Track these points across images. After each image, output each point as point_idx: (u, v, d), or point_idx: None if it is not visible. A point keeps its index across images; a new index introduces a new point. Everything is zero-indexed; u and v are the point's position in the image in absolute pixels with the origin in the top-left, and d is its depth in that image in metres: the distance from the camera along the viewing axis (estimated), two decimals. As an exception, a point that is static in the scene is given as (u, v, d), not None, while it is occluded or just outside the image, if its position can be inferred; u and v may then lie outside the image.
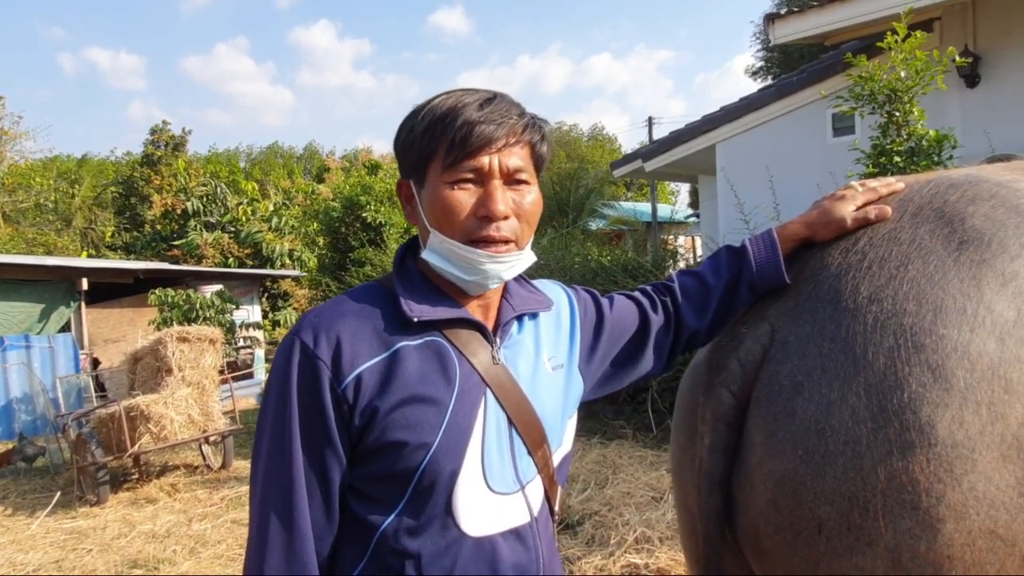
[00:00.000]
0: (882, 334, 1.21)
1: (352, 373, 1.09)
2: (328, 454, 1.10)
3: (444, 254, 1.16)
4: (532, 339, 1.29)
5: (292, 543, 1.08)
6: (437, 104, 1.15)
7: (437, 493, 1.10)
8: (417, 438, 1.09)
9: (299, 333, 1.12)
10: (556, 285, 1.44)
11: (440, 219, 1.15)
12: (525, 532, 1.18)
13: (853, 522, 1.17)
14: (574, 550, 4.10)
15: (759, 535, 1.31)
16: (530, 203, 1.19)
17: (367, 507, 1.12)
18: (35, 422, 9.57)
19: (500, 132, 1.13)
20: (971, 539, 1.13)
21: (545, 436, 1.23)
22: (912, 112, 4.69)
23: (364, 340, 1.12)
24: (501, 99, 1.17)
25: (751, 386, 1.34)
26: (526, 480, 1.19)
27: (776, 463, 1.26)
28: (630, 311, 1.42)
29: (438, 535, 1.11)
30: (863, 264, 1.32)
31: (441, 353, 1.15)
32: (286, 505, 1.08)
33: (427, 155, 1.15)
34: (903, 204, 1.39)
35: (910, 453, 1.14)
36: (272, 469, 1.10)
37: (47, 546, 5.09)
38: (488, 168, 1.13)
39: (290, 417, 1.09)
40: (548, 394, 1.25)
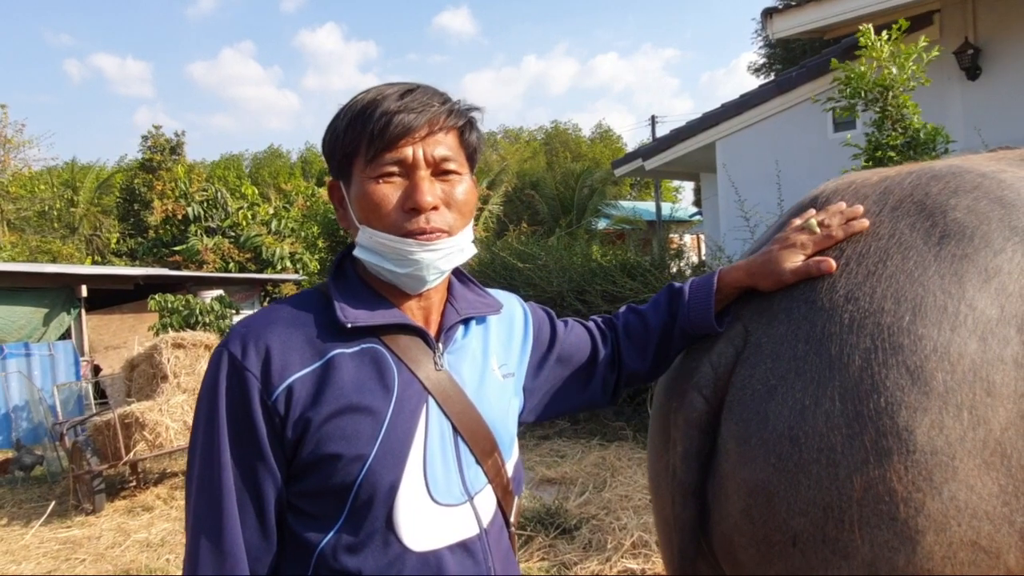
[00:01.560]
0: (858, 334, 1.15)
1: (283, 384, 1.04)
2: (261, 470, 1.05)
3: (374, 248, 1.11)
4: (480, 344, 1.24)
5: (223, 566, 1.02)
6: (358, 100, 1.12)
7: (376, 507, 1.05)
8: (352, 450, 1.03)
9: (228, 344, 1.08)
10: (512, 297, 1.40)
11: (367, 214, 1.10)
12: (474, 545, 1.12)
13: (828, 534, 1.11)
14: (571, 555, 4.04)
15: (734, 546, 1.25)
16: (461, 193, 1.14)
17: (306, 524, 1.07)
18: (34, 430, 9.55)
19: (421, 120, 1.08)
20: (952, 552, 1.06)
21: (496, 444, 1.17)
22: (906, 106, 4.61)
23: (296, 349, 1.07)
24: (423, 89, 1.13)
25: (724, 390, 1.28)
26: (475, 491, 1.14)
27: (749, 472, 1.19)
28: (583, 339, 1.39)
29: (380, 552, 1.05)
30: (840, 260, 1.25)
31: (378, 360, 1.10)
32: (217, 528, 1.03)
33: (350, 152, 1.11)
34: (883, 197, 1.33)
35: (887, 461, 1.07)
36: (202, 491, 1.05)
37: (40, 556, 5.05)
38: (412, 159, 1.09)
39: (219, 433, 1.04)
40: (497, 401, 1.20)
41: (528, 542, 4.28)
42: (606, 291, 6.94)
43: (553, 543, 4.24)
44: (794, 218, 1.37)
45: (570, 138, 40.45)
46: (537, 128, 42.74)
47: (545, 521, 4.47)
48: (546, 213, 22.26)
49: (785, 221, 1.41)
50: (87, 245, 24.57)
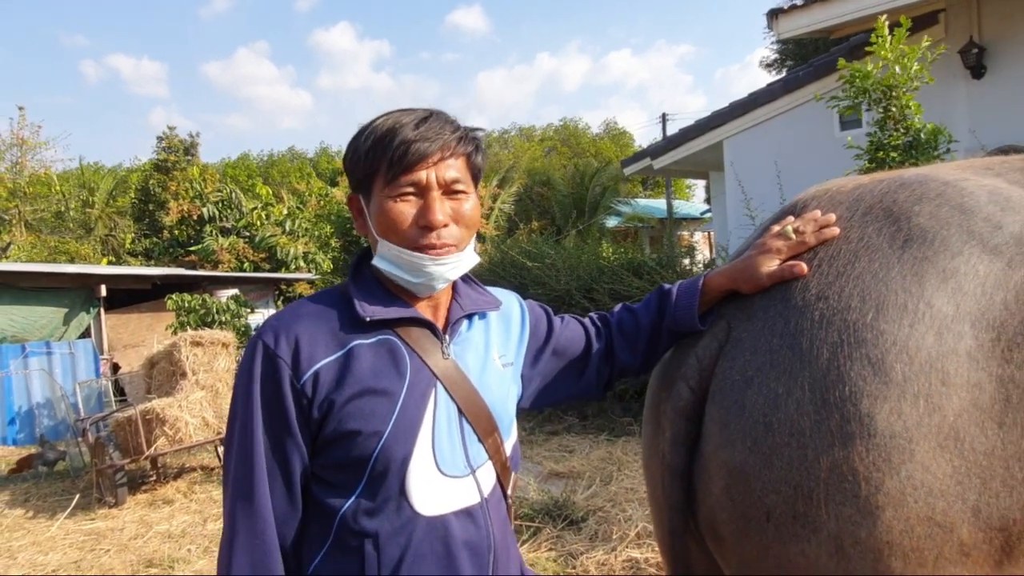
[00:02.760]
0: (827, 330, 1.26)
1: (310, 370, 1.19)
2: (289, 444, 1.20)
3: (392, 260, 1.26)
4: (482, 337, 1.39)
5: (255, 526, 1.18)
6: (378, 125, 1.26)
7: (391, 477, 1.19)
8: (370, 427, 1.18)
9: (262, 335, 1.23)
10: (511, 295, 1.55)
11: (386, 229, 1.25)
12: (476, 512, 1.26)
13: (798, 510, 1.22)
14: (578, 545, 4.16)
15: (716, 523, 1.37)
16: (468, 209, 1.29)
17: (329, 492, 1.22)
18: (56, 427, 9.77)
19: (434, 148, 1.23)
20: (909, 526, 1.18)
21: (495, 425, 1.32)
22: (908, 107, 4.69)
23: (321, 340, 1.23)
24: (436, 117, 1.28)
25: (708, 381, 1.40)
26: (477, 465, 1.29)
27: (728, 454, 1.31)
28: (578, 334, 1.53)
29: (394, 515, 1.20)
30: (813, 262, 1.37)
31: (393, 350, 1.25)
32: (250, 493, 1.18)
33: (371, 173, 1.26)
34: (856, 203, 1.44)
35: (850, 444, 1.19)
36: (239, 461, 1.20)
37: (66, 547, 5.22)
38: (426, 181, 1.23)
39: (253, 412, 1.19)
40: (497, 387, 1.35)
41: (536, 533, 4.41)
42: (613, 290, 7.05)
43: (560, 534, 4.37)
44: (774, 225, 1.49)
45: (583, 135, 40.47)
46: (546, 126, 42.80)
47: (553, 513, 4.60)
48: (556, 211, 22.38)
49: (766, 227, 1.53)
50: (103, 245, 24.86)
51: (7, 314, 10.00)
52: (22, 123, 23.67)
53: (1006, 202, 1.34)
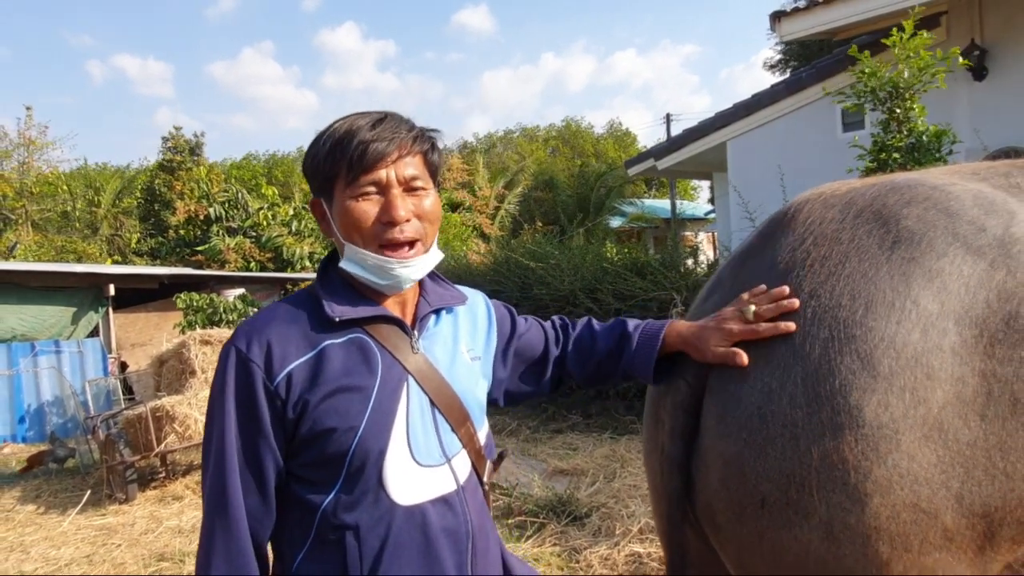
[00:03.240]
0: (819, 326, 1.33)
1: (283, 372, 1.24)
2: (262, 447, 1.24)
3: (359, 263, 1.31)
4: (450, 331, 1.44)
5: (230, 528, 1.22)
6: (335, 129, 1.30)
7: (368, 469, 1.24)
8: (345, 423, 1.23)
9: (234, 341, 1.27)
10: (477, 293, 1.60)
11: (350, 229, 1.29)
12: (452, 499, 1.31)
13: (791, 497, 1.29)
14: (581, 540, 4.23)
15: (713, 511, 1.43)
16: (429, 205, 1.34)
17: (309, 490, 1.26)
18: (66, 424, 9.87)
19: (392, 147, 1.28)
20: (896, 512, 1.24)
21: (467, 414, 1.38)
22: (913, 109, 4.75)
23: (292, 342, 1.27)
24: (391, 118, 1.32)
25: (706, 376, 1.46)
26: (452, 453, 1.34)
27: (725, 445, 1.38)
28: (539, 336, 1.60)
29: (373, 507, 1.24)
30: (806, 262, 1.43)
31: (364, 347, 1.30)
32: (225, 495, 1.23)
33: (331, 175, 1.30)
34: (848, 206, 1.50)
35: (840, 434, 1.25)
36: (214, 464, 1.24)
37: (78, 542, 5.31)
38: (386, 180, 1.28)
39: (227, 417, 1.24)
40: (466, 379, 1.41)
41: (541, 529, 4.48)
42: (617, 290, 7.11)
43: (564, 530, 4.44)
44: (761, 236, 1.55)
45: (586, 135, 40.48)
46: (549, 127, 42.83)
47: (557, 509, 4.67)
48: (560, 212, 22.44)
49: (756, 235, 1.60)
50: (108, 245, 25.01)
51: (17, 313, 10.10)
52: (29, 123, 23.83)
53: (990, 206, 1.41)
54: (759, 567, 1.38)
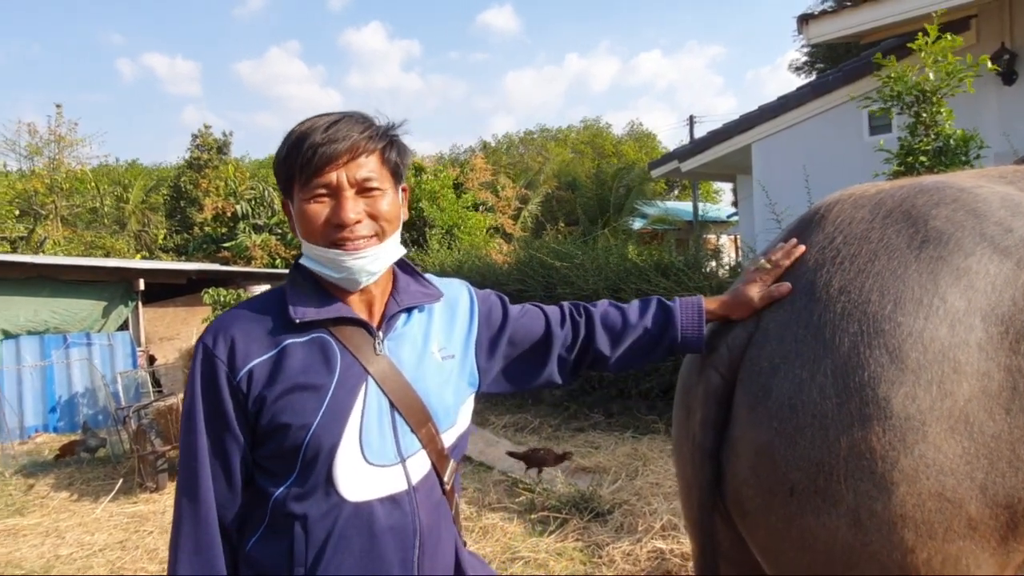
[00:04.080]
0: (848, 321, 1.38)
1: (245, 368, 1.30)
2: (227, 437, 1.31)
3: (315, 258, 1.35)
4: (421, 331, 1.45)
5: (198, 512, 1.30)
6: (294, 131, 1.34)
7: (319, 465, 1.28)
8: (299, 420, 1.28)
9: (203, 337, 1.35)
10: (462, 284, 1.60)
11: (305, 229, 1.33)
12: (401, 498, 1.34)
13: (820, 485, 1.34)
14: (604, 536, 4.28)
15: (742, 499, 1.49)
16: (385, 205, 1.35)
17: (266, 479, 1.32)
18: (96, 415, 10.08)
19: (342, 148, 1.29)
20: (921, 500, 1.29)
21: (429, 416, 1.39)
22: (940, 112, 4.75)
23: (256, 340, 1.32)
24: (348, 119, 1.34)
25: (737, 367, 1.52)
26: (408, 454, 1.36)
27: (756, 434, 1.43)
28: (537, 321, 1.59)
29: (322, 500, 1.29)
30: (836, 259, 1.48)
31: (325, 347, 1.34)
32: (193, 482, 1.31)
33: (289, 177, 1.34)
34: (877, 207, 1.55)
35: (868, 425, 1.30)
36: (184, 452, 1.33)
37: (111, 528, 5.45)
38: (336, 182, 1.30)
39: (195, 408, 1.31)
40: (434, 380, 1.41)
41: (563, 524, 4.54)
42: (640, 289, 7.15)
43: (587, 526, 4.49)
44: (790, 235, 1.63)
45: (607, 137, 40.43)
46: (567, 127, 42.81)
47: (580, 505, 4.72)
48: (582, 214, 22.44)
49: (786, 234, 1.66)
50: (136, 241, 25.42)
51: (50, 306, 10.32)
52: (59, 120, 24.29)
53: (1016, 207, 1.45)
54: (787, 553, 1.44)
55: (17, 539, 5.38)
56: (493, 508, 5.02)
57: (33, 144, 24.11)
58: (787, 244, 1.59)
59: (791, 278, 1.53)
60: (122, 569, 4.61)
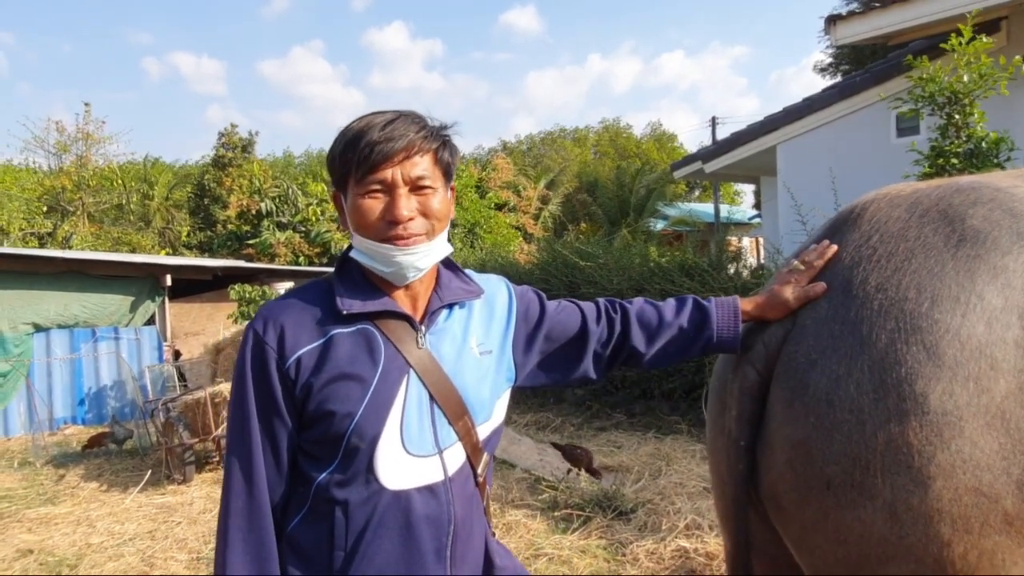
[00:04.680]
0: (885, 318, 1.40)
1: (293, 356, 1.34)
2: (276, 420, 1.35)
3: (366, 252, 1.39)
4: (461, 327, 1.48)
5: (251, 488, 1.34)
6: (351, 128, 1.37)
7: (361, 453, 1.32)
8: (344, 408, 1.32)
9: (254, 324, 1.38)
10: (500, 281, 1.63)
11: (358, 223, 1.37)
12: (438, 488, 1.37)
13: (856, 479, 1.36)
14: (627, 535, 4.30)
15: (778, 492, 1.51)
16: (436, 203, 1.39)
17: (310, 464, 1.37)
18: (123, 408, 10.26)
19: (399, 147, 1.33)
20: (958, 495, 1.31)
21: (466, 409, 1.42)
22: (972, 115, 4.72)
23: (305, 329, 1.36)
24: (404, 118, 1.37)
25: (773, 363, 1.54)
26: (445, 445, 1.40)
27: (792, 429, 1.46)
28: (574, 317, 1.61)
29: (362, 487, 1.33)
30: (873, 257, 1.50)
31: (370, 339, 1.38)
32: (246, 461, 1.35)
33: (345, 173, 1.37)
34: (913, 206, 1.57)
35: (906, 420, 1.32)
36: (236, 434, 1.36)
37: (140, 518, 5.56)
38: (391, 179, 1.34)
39: (246, 391, 1.35)
40: (472, 375, 1.44)
41: (587, 522, 4.57)
42: (664, 290, 7.16)
43: (610, 524, 4.52)
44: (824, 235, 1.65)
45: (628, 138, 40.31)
46: (585, 127, 42.76)
47: (603, 504, 4.75)
48: (602, 215, 22.44)
49: (820, 234, 1.68)
50: (160, 237, 25.75)
51: (79, 300, 10.51)
52: (87, 118, 24.68)
53: (1054, 207, 1.46)
54: (822, 546, 1.45)
55: (49, 527, 5.50)
56: (516, 505, 5.05)
57: (61, 142, 24.54)
58: (820, 245, 1.61)
59: (827, 275, 1.55)
60: (152, 558, 4.70)
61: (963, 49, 4.58)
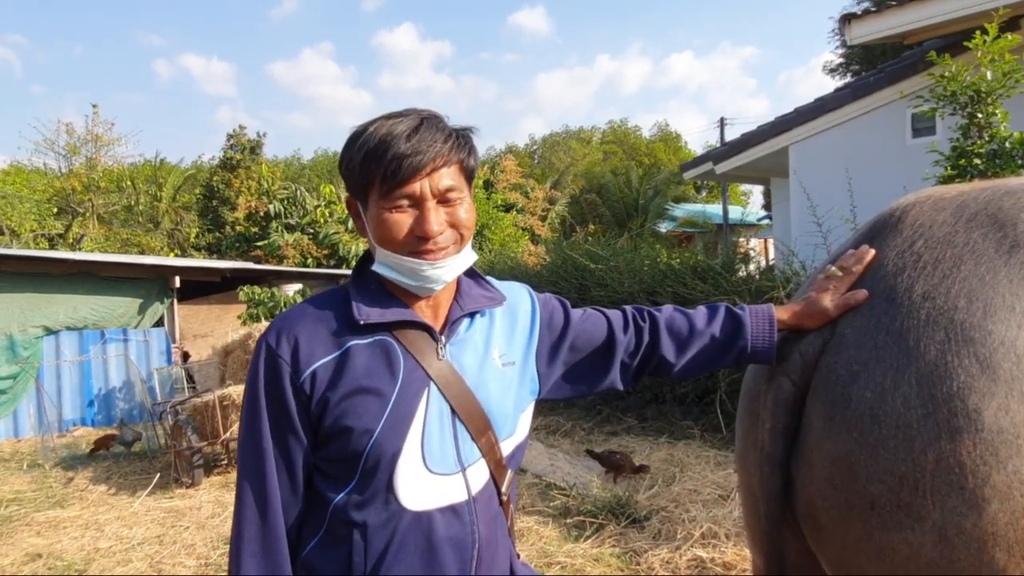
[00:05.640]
0: (934, 328, 1.32)
1: (308, 369, 1.26)
2: (291, 438, 1.28)
3: (391, 265, 1.31)
4: (482, 337, 1.41)
5: (266, 515, 1.27)
6: (371, 135, 1.28)
7: (380, 472, 1.25)
8: (362, 425, 1.24)
9: (266, 336, 1.30)
10: (523, 288, 1.55)
11: (383, 238, 1.29)
12: (462, 509, 1.30)
13: (903, 500, 1.28)
14: (641, 543, 4.22)
15: (816, 511, 1.43)
16: (464, 212, 1.32)
17: (326, 483, 1.29)
18: (132, 410, 10.24)
19: (427, 159, 1.25)
20: (1015, 518, 1.23)
21: (489, 424, 1.35)
22: (995, 114, 4.62)
23: (320, 340, 1.29)
24: (427, 125, 1.29)
25: (810, 375, 1.46)
26: (468, 463, 1.32)
27: (833, 445, 1.38)
28: (599, 325, 1.53)
29: (381, 508, 1.26)
30: (918, 264, 1.42)
31: (388, 351, 1.30)
32: (260, 483, 1.27)
33: (366, 184, 1.29)
34: (960, 209, 1.49)
35: (958, 437, 1.24)
36: (249, 451, 1.28)
37: (149, 523, 5.51)
38: (420, 193, 1.26)
39: (259, 408, 1.28)
40: (495, 387, 1.37)
41: (600, 530, 4.49)
42: (677, 293, 7.07)
43: (624, 532, 4.43)
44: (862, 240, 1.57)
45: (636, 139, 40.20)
46: (591, 128, 42.67)
47: (616, 511, 4.66)
48: (610, 216, 22.34)
49: (857, 239, 1.60)
50: (169, 239, 25.80)
51: (89, 303, 10.50)
52: (96, 120, 24.79)
53: (1114, 210, 1.38)
54: (863, 568, 1.38)
55: (58, 531, 5.46)
56: (527, 511, 4.98)
57: (71, 143, 24.64)
58: (859, 250, 1.53)
59: (867, 282, 1.47)
60: (160, 563, 4.65)
61: (987, 47, 4.48)
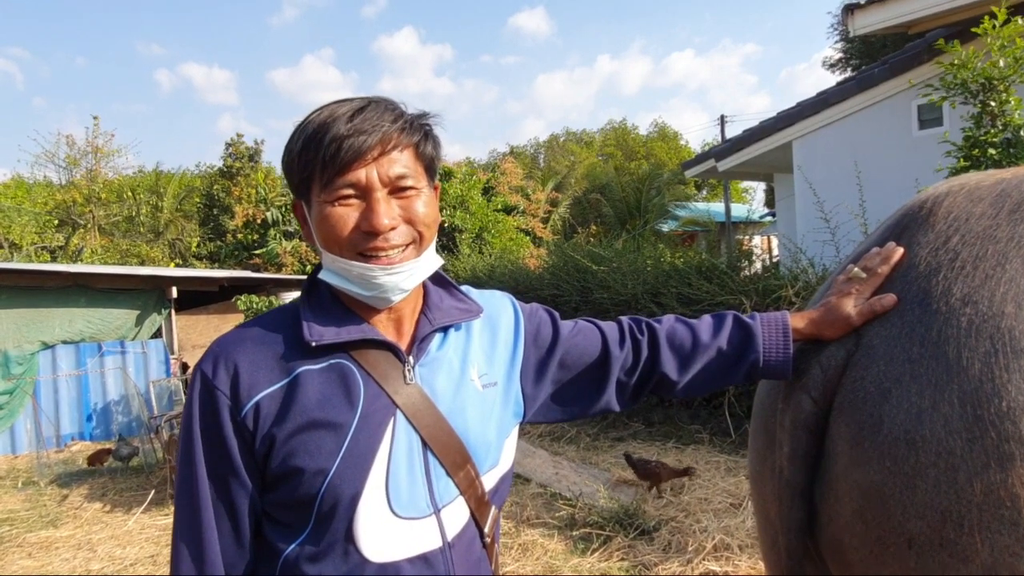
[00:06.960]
0: (977, 338, 1.15)
1: (250, 401, 1.08)
2: (233, 483, 1.10)
3: (339, 272, 1.13)
4: (458, 354, 1.23)
5: (202, 569, 1.09)
6: (310, 121, 1.11)
7: (338, 519, 1.08)
8: (314, 464, 1.06)
9: (201, 364, 1.12)
10: (504, 297, 1.37)
11: (327, 238, 1.11)
12: (435, 558, 1.13)
13: (947, 537, 1.11)
14: (651, 556, 4.05)
15: (844, 547, 1.26)
16: (421, 206, 1.13)
17: (277, 532, 1.12)
18: (130, 423, 10.09)
19: (372, 141, 1.08)
20: (1079, 558, 1.06)
21: (468, 457, 1.17)
22: (1008, 102, 4.44)
23: (264, 367, 1.11)
24: (375, 105, 1.11)
25: (833, 392, 1.29)
26: (443, 503, 1.15)
27: (862, 474, 1.21)
28: (592, 339, 1.35)
29: (340, 561, 1.08)
30: (955, 263, 1.25)
31: (345, 376, 1.12)
32: (195, 534, 1.09)
33: (306, 176, 1.11)
34: (1000, 199, 1.32)
35: (1010, 466, 1.07)
36: (184, 500, 1.11)
37: (143, 541, 5.36)
38: (366, 181, 1.08)
39: (194, 449, 1.10)
40: (474, 413, 1.19)
41: (607, 542, 4.32)
42: (681, 293, 6.89)
43: (632, 544, 4.26)
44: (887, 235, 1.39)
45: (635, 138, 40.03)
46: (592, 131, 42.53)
47: (624, 522, 4.49)
48: (612, 216, 22.17)
49: (881, 235, 1.42)
50: (170, 249, 25.73)
51: (85, 316, 10.35)
52: (96, 132, 24.72)
53: None
54: (900, 612, 1.21)
55: (50, 552, 5.31)
56: (532, 523, 4.81)
57: (71, 155, 24.57)
58: (885, 248, 1.35)
59: (896, 285, 1.30)
60: (151, 586, 4.49)
61: (997, 32, 4.30)
